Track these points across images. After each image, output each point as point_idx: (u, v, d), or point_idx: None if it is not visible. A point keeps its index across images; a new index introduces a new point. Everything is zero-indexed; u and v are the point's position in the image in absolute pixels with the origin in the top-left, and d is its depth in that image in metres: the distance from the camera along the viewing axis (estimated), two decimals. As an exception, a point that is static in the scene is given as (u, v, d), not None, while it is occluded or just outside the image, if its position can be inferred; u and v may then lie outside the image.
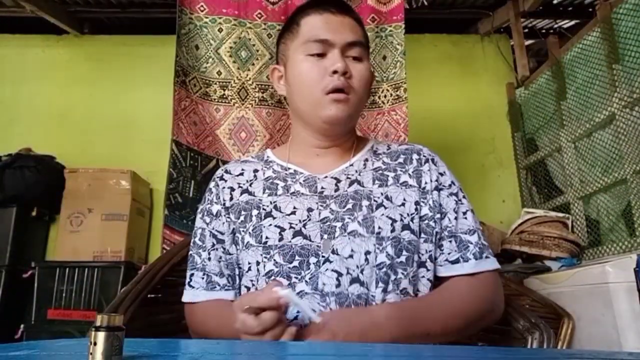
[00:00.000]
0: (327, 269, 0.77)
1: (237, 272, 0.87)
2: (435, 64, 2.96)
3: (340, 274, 0.77)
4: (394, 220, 0.81)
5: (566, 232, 2.15)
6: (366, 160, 0.90)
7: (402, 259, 0.80)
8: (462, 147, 2.77)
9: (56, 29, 2.89)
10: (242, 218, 0.86)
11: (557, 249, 2.07)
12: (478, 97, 2.91)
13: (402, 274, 0.79)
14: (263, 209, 0.85)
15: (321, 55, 0.84)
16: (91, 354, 0.41)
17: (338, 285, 0.76)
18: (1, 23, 2.92)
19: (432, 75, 2.91)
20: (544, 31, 3.01)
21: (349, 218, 0.81)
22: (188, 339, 0.87)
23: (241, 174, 0.92)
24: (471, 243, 0.83)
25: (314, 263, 0.78)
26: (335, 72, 0.82)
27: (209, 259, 0.88)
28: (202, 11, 1.87)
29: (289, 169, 0.90)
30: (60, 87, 2.92)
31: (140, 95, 2.87)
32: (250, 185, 0.90)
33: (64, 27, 2.86)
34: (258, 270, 0.80)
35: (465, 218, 0.86)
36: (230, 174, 0.93)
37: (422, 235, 0.84)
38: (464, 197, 0.89)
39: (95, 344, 0.41)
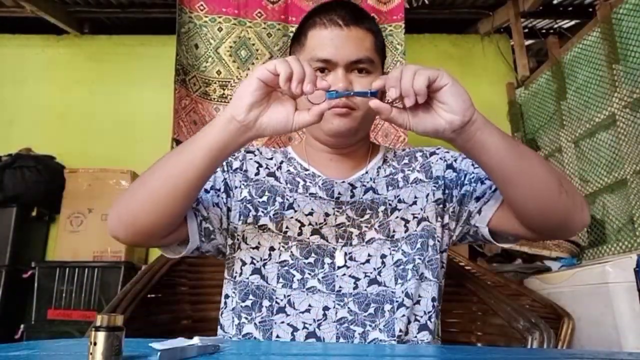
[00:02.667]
0: (344, 274, 0.81)
1: (229, 242, 0.85)
2: (435, 64, 2.89)
3: (357, 279, 0.81)
4: (407, 221, 0.85)
5: (566, 232, 2.15)
6: (379, 168, 0.93)
7: (417, 247, 0.83)
8: (462, 147, 2.76)
9: (56, 29, 2.89)
10: (264, 198, 0.87)
11: (557, 249, 2.07)
12: (478, 97, 2.83)
13: (419, 259, 0.82)
14: (286, 199, 0.86)
15: (325, 70, 0.84)
16: (91, 354, 0.41)
17: (356, 287, 0.81)
18: (1, 23, 2.93)
19: (432, 75, 2.90)
20: (544, 31, 3.01)
21: (366, 226, 0.85)
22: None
23: (270, 158, 0.94)
24: None
25: (328, 264, 0.82)
26: None
27: (206, 191, 0.84)
28: (201, 10, 1.87)
29: (308, 170, 0.91)
30: (60, 87, 2.92)
31: (140, 95, 2.87)
32: (277, 170, 0.92)
33: (64, 27, 2.86)
34: (270, 255, 0.82)
35: None
36: (261, 153, 0.94)
37: (439, 219, 0.86)
38: None
39: (95, 344, 0.41)
